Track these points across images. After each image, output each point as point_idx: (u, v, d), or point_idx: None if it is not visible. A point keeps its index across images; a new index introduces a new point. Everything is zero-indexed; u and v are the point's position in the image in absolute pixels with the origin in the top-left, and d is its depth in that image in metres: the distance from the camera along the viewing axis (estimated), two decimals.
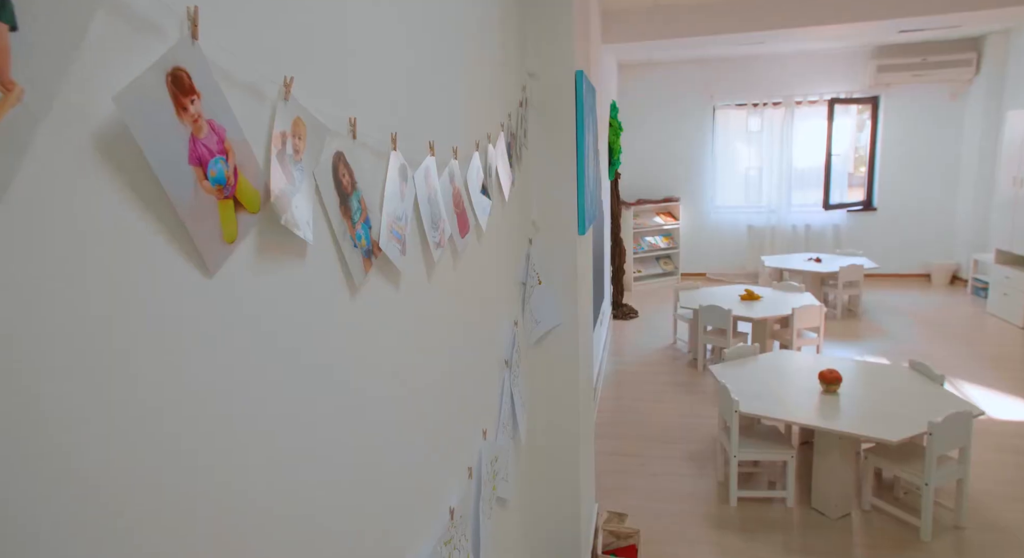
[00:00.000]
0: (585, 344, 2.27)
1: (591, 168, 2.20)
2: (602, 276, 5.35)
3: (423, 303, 0.99)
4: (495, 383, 1.45)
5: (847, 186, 8.15)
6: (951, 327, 5.87)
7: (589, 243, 2.42)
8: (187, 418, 0.51)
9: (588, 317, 2.35)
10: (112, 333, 0.44)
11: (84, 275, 0.42)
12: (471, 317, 1.27)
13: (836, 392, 3.05)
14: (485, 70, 1.40)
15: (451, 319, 1.15)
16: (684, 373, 4.91)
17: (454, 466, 1.18)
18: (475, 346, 1.31)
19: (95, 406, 0.43)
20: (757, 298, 5.07)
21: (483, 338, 1.37)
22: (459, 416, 1.20)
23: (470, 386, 1.29)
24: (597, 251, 4.90)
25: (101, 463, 0.43)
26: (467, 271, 1.23)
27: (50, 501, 0.39)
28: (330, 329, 0.69)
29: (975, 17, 5.03)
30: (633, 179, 8.45)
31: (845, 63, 7.62)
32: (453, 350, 1.17)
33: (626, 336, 6.03)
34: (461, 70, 1.21)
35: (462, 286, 1.21)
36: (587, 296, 2.32)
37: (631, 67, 8.23)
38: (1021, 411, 3.99)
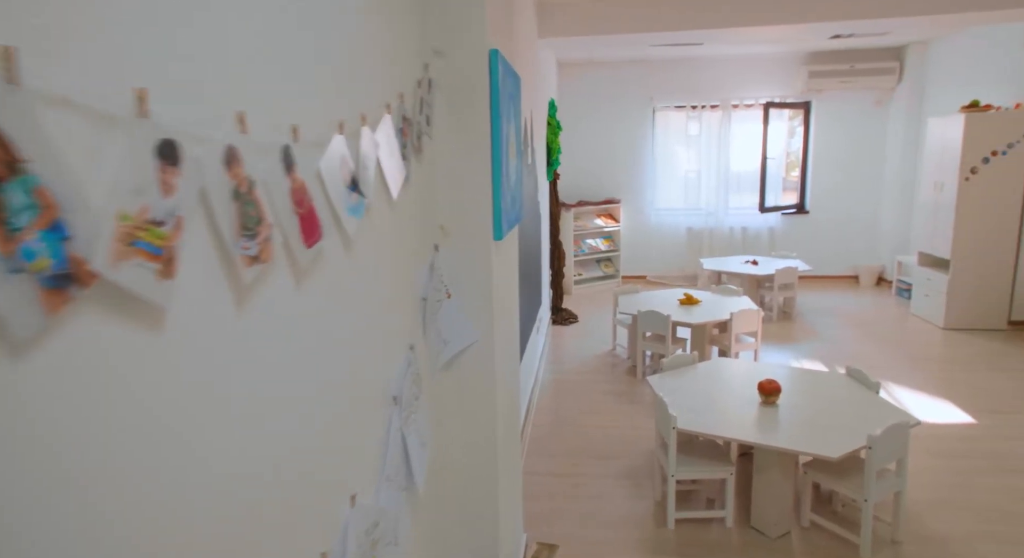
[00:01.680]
0: (506, 364, 2.01)
1: (511, 164, 1.94)
2: (539, 280, 5.13)
3: (221, 347, 0.69)
4: (374, 428, 1.17)
5: (782, 189, 8.26)
6: (879, 328, 5.96)
7: (511, 249, 2.17)
8: None
9: (509, 332, 2.09)
10: None
11: None
12: (331, 352, 0.98)
13: (775, 403, 2.92)
14: (357, 35, 1.11)
15: (288, 361, 0.87)
16: (623, 381, 4.74)
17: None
18: (340, 388, 1.02)
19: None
20: (696, 302, 4.97)
21: (355, 375, 1.09)
22: (307, 491, 0.91)
23: (330, 443, 1.00)
24: (534, 254, 4.68)
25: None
26: (323, 291, 0.95)
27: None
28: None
29: (902, 23, 5.09)
30: (574, 180, 8.30)
31: (779, 68, 7.71)
32: (296, 403, 0.88)
33: (565, 342, 5.83)
34: (314, 33, 0.93)
35: (314, 311, 0.92)
36: (508, 309, 2.07)
37: (571, 66, 8.08)
38: (947, 413, 4.01)
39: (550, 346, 5.68)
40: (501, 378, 1.85)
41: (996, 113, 5.57)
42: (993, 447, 3.53)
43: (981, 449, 3.51)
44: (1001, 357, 5.07)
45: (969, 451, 3.49)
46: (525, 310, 4.05)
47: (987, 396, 4.27)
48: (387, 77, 1.25)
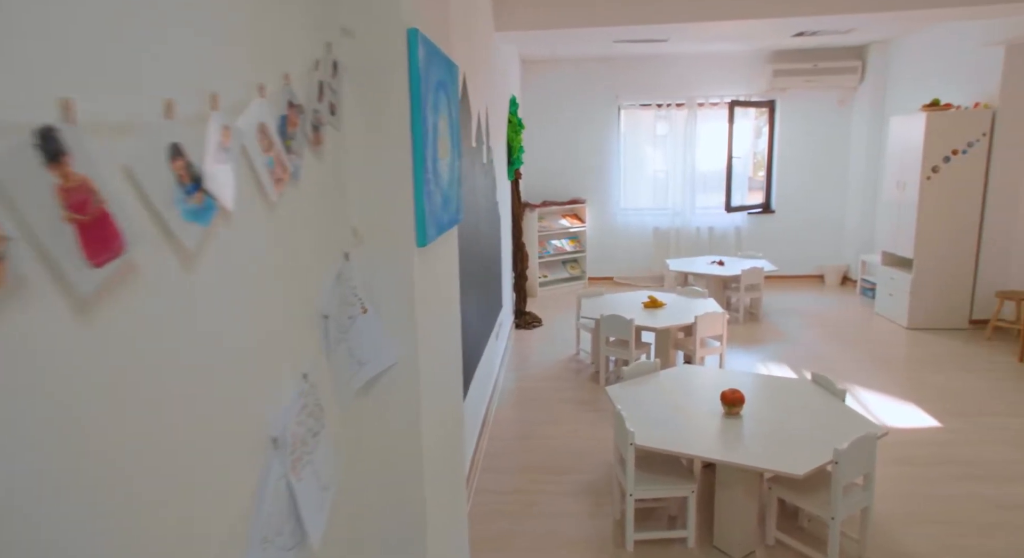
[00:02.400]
0: (441, 384, 1.80)
1: (441, 161, 1.73)
2: (499, 284, 4.93)
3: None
4: (244, 482, 0.95)
5: (747, 189, 8.21)
6: (844, 329, 5.92)
7: (448, 254, 1.95)
8: None
9: (446, 348, 1.88)
10: None
11: None
12: (156, 401, 0.76)
13: (739, 414, 2.77)
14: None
15: (91, 413, 0.65)
16: (586, 388, 4.57)
17: None
18: (175, 450, 0.80)
19: None
20: (661, 305, 4.82)
21: (206, 424, 0.87)
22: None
23: (171, 519, 0.78)
24: (491, 257, 4.47)
25: None
26: (139, 322, 0.72)
27: None
28: None
29: (865, 20, 5.02)
30: (538, 180, 8.13)
31: (744, 66, 7.65)
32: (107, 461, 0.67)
33: (528, 347, 5.64)
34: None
35: (121, 350, 0.70)
36: (443, 322, 1.85)
37: (535, 63, 7.90)
38: (913, 417, 3.93)
39: (512, 352, 5.48)
40: (429, 402, 1.63)
41: (956, 112, 5.56)
42: (960, 453, 3.44)
43: (948, 455, 3.42)
44: (964, 357, 5.05)
45: (936, 457, 3.40)
46: (482, 316, 3.85)
47: (952, 398, 4.21)
48: (262, 53, 1.03)
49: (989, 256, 5.76)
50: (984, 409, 4.03)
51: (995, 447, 3.50)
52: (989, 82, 5.58)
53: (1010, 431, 3.70)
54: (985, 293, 5.80)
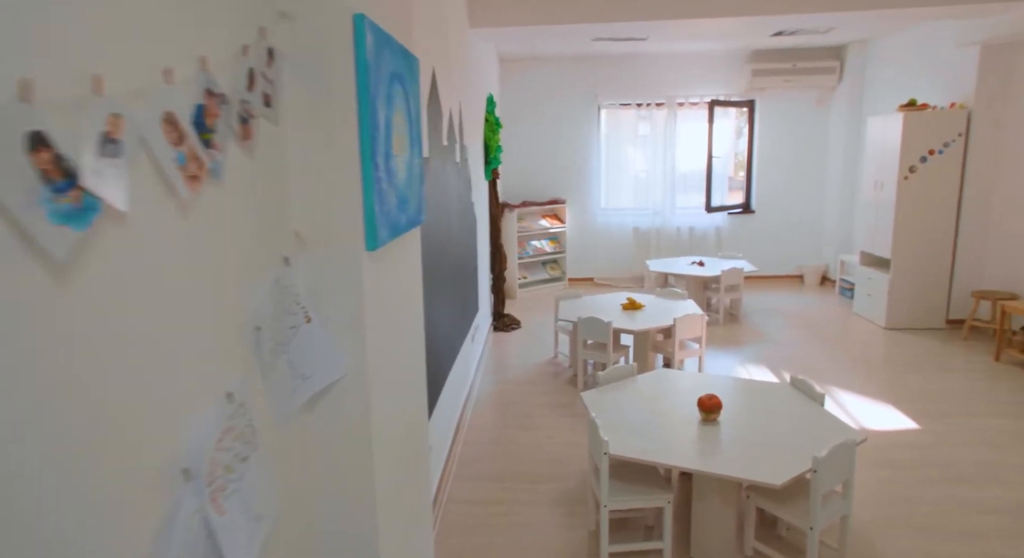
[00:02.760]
0: (398, 397, 1.69)
1: (396, 158, 1.62)
2: (475, 286, 4.82)
3: None
4: (147, 523, 0.83)
5: (728, 189, 8.19)
6: (823, 329, 5.90)
7: (407, 258, 1.84)
8: None
9: (405, 358, 1.76)
10: None
11: None
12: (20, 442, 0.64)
13: (716, 420, 2.69)
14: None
15: None
16: (563, 392, 4.47)
17: None
18: (64, 483, 0.68)
19: None
20: (639, 307, 4.75)
21: (100, 456, 0.75)
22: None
23: None
24: (466, 258, 4.36)
25: None
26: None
27: None
28: None
29: (844, 18, 5.00)
30: (518, 179, 8.03)
31: (724, 65, 7.62)
32: None
33: (507, 350, 5.54)
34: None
35: None
36: (400, 330, 1.74)
37: (513, 61, 7.80)
38: (892, 419, 3.89)
39: (489, 354, 5.37)
40: (383, 416, 1.52)
41: (932, 112, 5.57)
42: (938, 455, 3.40)
43: (926, 458, 3.38)
44: (941, 357, 5.04)
45: (915, 461, 3.35)
46: (455, 319, 3.74)
47: (930, 399, 4.19)
48: (169, 33, 0.91)
49: (965, 256, 5.77)
50: (962, 410, 4.00)
51: (973, 449, 3.47)
52: (965, 83, 5.59)
53: (988, 432, 3.67)
54: (961, 293, 5.82)
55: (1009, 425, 3.76)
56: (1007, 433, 3.65)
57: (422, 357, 2.08)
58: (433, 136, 3.09)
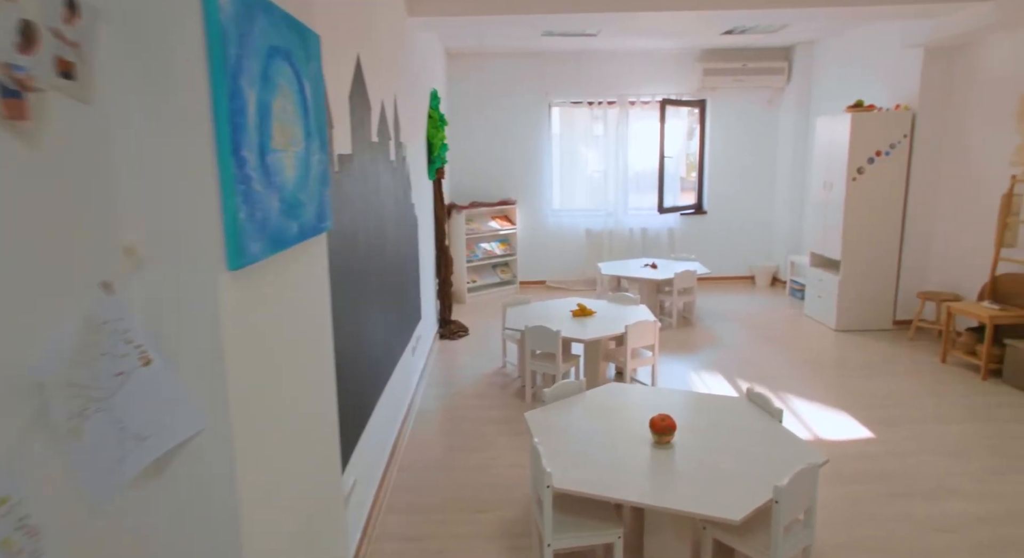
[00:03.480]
0: (275, 448, 1.37)
1: (276, 153, 1.31)
2: (416, 292, 4.50)
3: None
4: None
5: (680, 190, 8.10)
6: (775, 332, 5.83)
7: (301, 275, 1.53)
8: None
9: (292, 400, 1.45)
10: None
11: None
12: None
13: (670, 443, 2.47)
14: None
15: None
16: (510, 406, 4.21)
17: None
18: None
19: None
20: (590, 314, 4.53)
21: None
22: None
23: None
24: (407, 264, 4.05)
25: None
26: None
27: None
28: None
29: (794, 15, 4.90)
30: (466, 179, 7.73)
31: (675, 64, 7.51)
32: None
33: (452, 359, 5.24)
34: None
35: None
36: (280, 366, 1.42)
37: (461, 56, 7.50)
38: (846, 428, 3.78)
39: (434, 365, 5.06)
40: (258, 478, 1.21)
41: (879, 113, 5.56)
42: (895, 467, 3.29)
43: (884, 471, 3.26)
44: (890, 360, 5.01)
45: (872, 474, 3.23)
46: (390, 332, 3.42)
47: (882, 405, 4.11)
48: None
49: (910, 257, 5.80)
50: (914, 415, 3.93)
51: (927, 458, 3.37)
52: (909, 84, 5.60)
53: (940, 439, 3.60)
54: (907, 294, 5.84)
55: (959, 431, 3.70)
56: (958, 439, 3.59)
57: (330, 389, 1.77)
58: (358, 131, 2.77)
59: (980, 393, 4.30)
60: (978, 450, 3.45)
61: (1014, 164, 4.69)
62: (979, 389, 4.37)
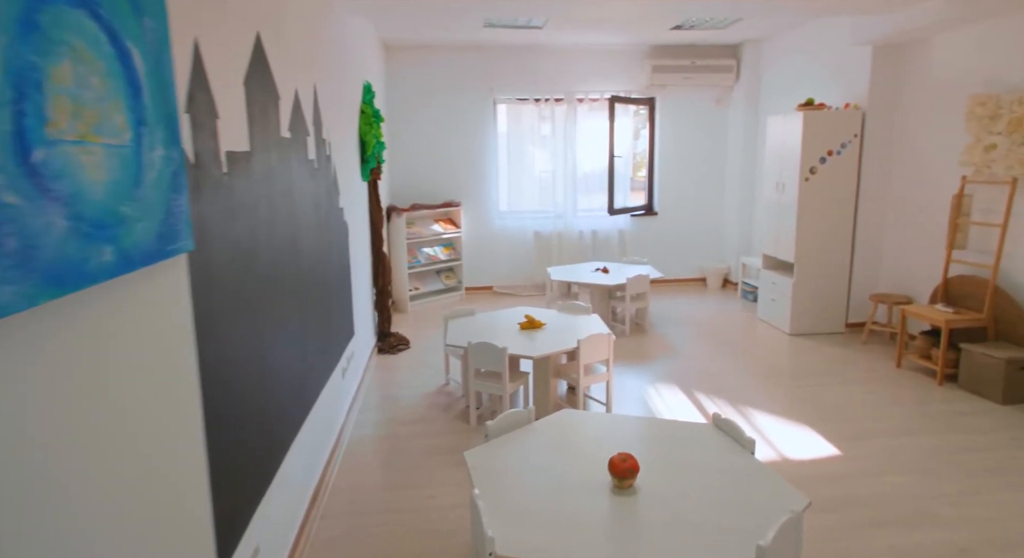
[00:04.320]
0: None
1: (47, 146, 0.88)
2: (347, 306, 4.04)
3: None
4: None
5: (630, 190, 7.88)
6: (730, 338, 5.63)
7: (94, 325, 1.10)
8: None
9: (98, 500, 1.03)
10: None
11: None
12: None
13: (632, 487, 2.13)
14: None
15: None
16: (453, 431, 3.80)
17: None
18: None
19: None
20: (539, 326, 4.17)
21: None
22: None
23: None
24: (333, 276, 3.58)
25: None
26: None
27: None
28: None
29: (744, 8, 4.68)
30: (407, 180, 7.27)
31: (624, 60, 7.27)
32: None
33: (391, 376, 4.79)
34: None
35: None
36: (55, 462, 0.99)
37: (400, 49, 7.03)
38: (811, 445, 3.56)
39: (370, 385, 4.60)
40: None
41: (830, 112, 5.43)
42: (868, 491, 3.07)
43: (858, 496, 3.03)
44: (846, 366, 4.87)
45: (847, 500, 2.99)
46: (313, 357, 2.96)
47: (845, 417, 3.93)
48: None
49: (862, 259, 5.71)
50: (876, 428, 3.75)
51: (898, 479, 3.17)
52: (859, 83, 5.51)
53: (906, 455, 3.41)
54: (860, 296, 5.76)
55: (925, 445, 3.53)
56: (926, 455, 3.41)
57: (194, 456, 1.33)
58: (260, 124, 2.31)
59: (938, 400, 4.18)
60: (947, 467, 3.28)
61: (964, 164, 4.62)
62: (937, 395, 4.25)
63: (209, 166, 1.77)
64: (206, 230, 1.73)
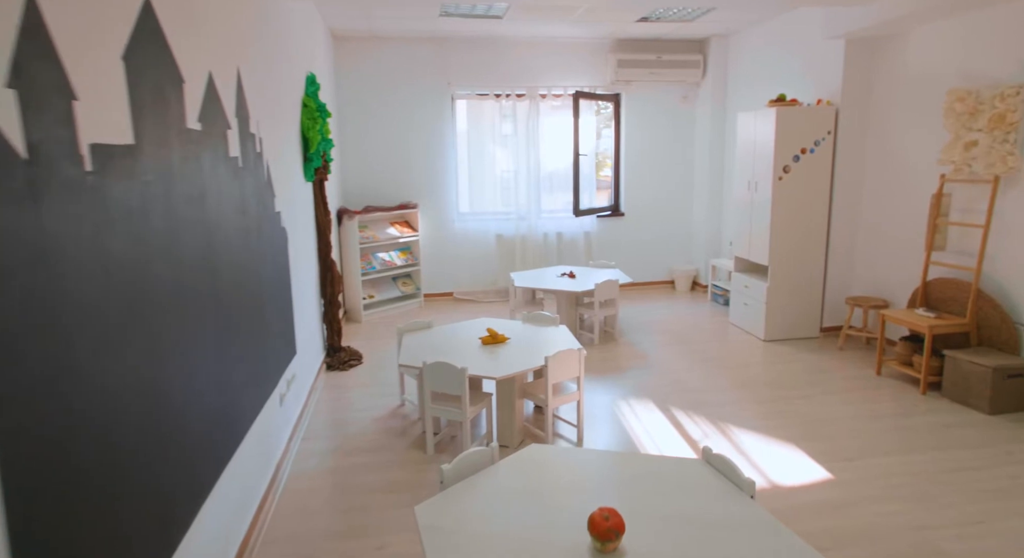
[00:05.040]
0: None
1: None
2: (287, 324, 3.58)
3: None
4: None
5: (596, 190, 7.58)
6: (703, 345, 5.36)
7: None
8: None
9: None
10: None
11: None
12: None
13: (616, 549, 1.76)
14: None
15: None
16: (410, 462, 3.39)
17: None
18: None
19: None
20: (503, 341, 3.79)
21: None
22: None
23: None
24: (270, 290, 3.13)
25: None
26: None
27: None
28: None
29: None
30: (359, 181, 6.79)
31: (589, 53, 6.95)
32: None
33: (341, 398, 4.34)
34: None
35: None
36: None
37: (350, 39, 6.54)
38: (802, 468, 3.29)
39: (315, 410, 4.14)
40: None
41: (803, 109, 5.21)
42: (867, 522, 2.79)
43: (858, 529, 2.74)
44: (826, 375, 4.64)
45: (848, 536, 2.70)
46: (240, 389, 2.51)
47: (831, 434, 3.67)
48: None
49: (836, 261, 5.52)
50: (864, 446, 3.51)
51: (896, 507, 2.91)
52: (831, 78, 5.30)
53: (900, 477, 3.16)
54: (834, 300, 5.57)
55: (917, 465, 3.29)
56: (921, 477, 3.17)
57: None
58: (153, 112, 1.86)
59: (923, 411, 3.97)
60: (946, 491, 3.03)
61: (943, 162, 4.44)
62: (921, 406, 4.05)
63: (58, 163, 1.33)
64: (56, 247, 1.29)
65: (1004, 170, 4.03)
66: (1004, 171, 4.03)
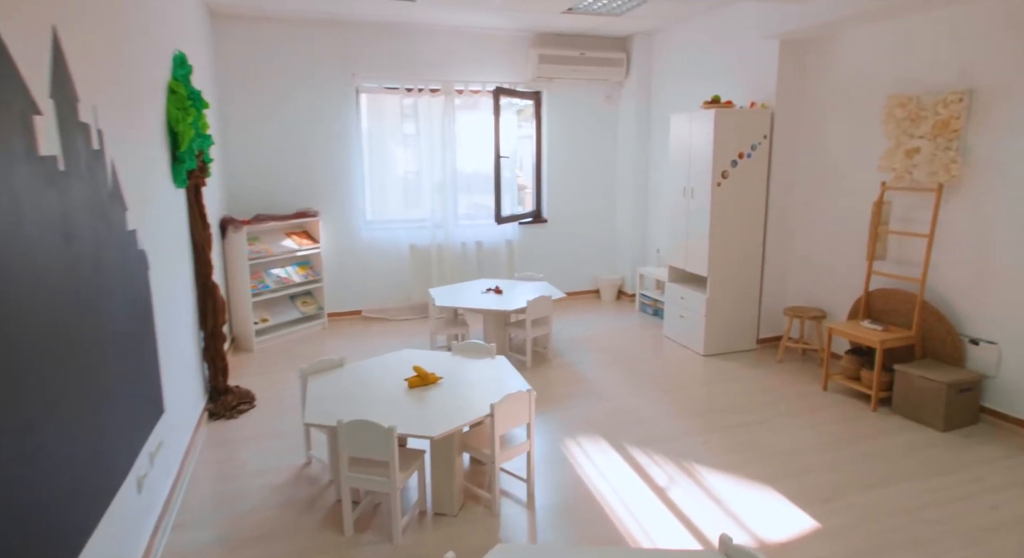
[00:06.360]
0: None
1: None
2: (153, 372, 2.70)
3: None
4: None
5: (518, 194, 7.04)
6: (642, 365, 4.97)
7: None
8: None
9: None
10: None
11: None
12: None
13: None
14: None
15: None
16: (323, 551, 2.64)
17: None
18: None
19: None
20: (434, 381, 3.13)
21: None
22: None
23: None
24: (130, 327, 2.27)
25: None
26: None
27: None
28: None
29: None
30: (247, 185, 5.82)
31: (509, 47, 6.39)
32: None
33: (228, 458, 3.47)
34: None
35: None
36: None
37: (232, 19, 5.56)
38: (781, 516, 2.91)
39: (193, 482, 3.25)
40: None
41: (741, 111, 4.95)
42: None
43: None
44: (774, 395, 4.38)
45: None
46: (77, 481, 1.68)
47: (800, 468, 3.34)
48: None
49: (772, 270, 5.33)
50: (836, 481, 3.20)
51: (892, 557, 2.57)
52: (765, 79, 5.09)
53: (886, 517, 2.86)
54: (770, 310, 5.38)
55: (898, 498, 3.01)
56: (908, 515, 2.88)
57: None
58: None
59: (883, 431, 3.76)
60: (940, 532, 2.75)
61: (883, 169, 4.30)
62: (876, 425, 3.85)
63: None
64: None
65: (947, 178, 3.91)
66: (947, 179, 3.91)
